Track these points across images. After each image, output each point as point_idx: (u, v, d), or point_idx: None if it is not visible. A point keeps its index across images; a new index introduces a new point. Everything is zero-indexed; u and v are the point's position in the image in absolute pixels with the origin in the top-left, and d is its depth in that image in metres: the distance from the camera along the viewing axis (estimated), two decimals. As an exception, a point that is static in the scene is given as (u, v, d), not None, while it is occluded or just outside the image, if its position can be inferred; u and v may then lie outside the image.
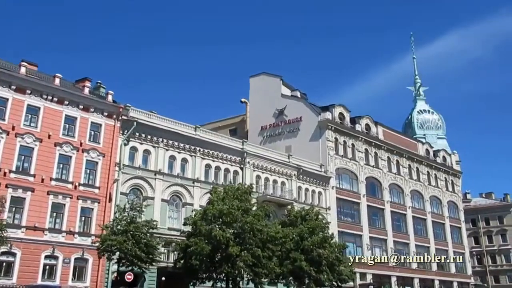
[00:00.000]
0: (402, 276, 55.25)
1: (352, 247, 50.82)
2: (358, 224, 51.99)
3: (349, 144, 54.15)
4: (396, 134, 62.68)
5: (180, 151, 37.92)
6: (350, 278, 31.02)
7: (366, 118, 58.08)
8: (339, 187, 51.22)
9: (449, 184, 68.60)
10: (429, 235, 61.43)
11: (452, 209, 68.06)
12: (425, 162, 64.67)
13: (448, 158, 70.78)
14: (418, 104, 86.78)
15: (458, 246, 66.31)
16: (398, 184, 59.43)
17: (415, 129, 79.75)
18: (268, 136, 55.94)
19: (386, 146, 58.84)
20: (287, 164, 45.76)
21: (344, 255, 36.60)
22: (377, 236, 53.96)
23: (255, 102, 58.51)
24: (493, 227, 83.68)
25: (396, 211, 57.86)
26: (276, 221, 34.38)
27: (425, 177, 64.08)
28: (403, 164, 61.14)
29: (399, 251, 56.53)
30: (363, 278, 50.02)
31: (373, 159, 56.86)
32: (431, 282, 59.35)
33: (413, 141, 66.01)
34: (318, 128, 52.20)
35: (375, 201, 55.26)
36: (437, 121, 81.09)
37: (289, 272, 28.97)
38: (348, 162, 53.12)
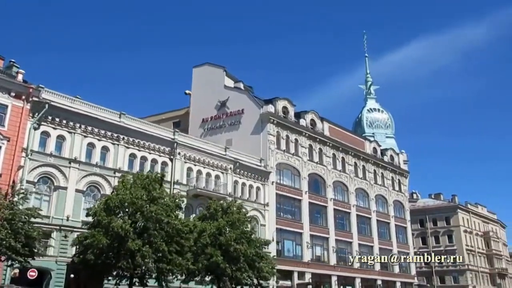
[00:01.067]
0: (344, 276, 53.91)
1: (291, 245, 49.20)
2: (298, 221, 50.25)
3: (292, 139, 52.40)
4: (343, 131, 61.43)
5: (100, 139, 35.07)
6: (271, 275, 28.99)
7: (311, 113, 56.52)
8: (280, 182, 49.35)
9: (395, 184, 67.96)
10: (374, 234, 60.43)
11: (398, 208, 67.43)
12: (371, 161, 63.72)
13: (395, 157, 70.19)
14: (369, 102, 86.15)
15: (403, 246, 65.66)
16: (342, 182, 58.13)
17: (364, 127, 79.05)
18: (209, 129, 53.62)
19: (332, 143, 57.45)
20: (223, 157, 43.52)
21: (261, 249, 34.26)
22: (319, 234, 52.39)
23: (198, 93, 56.13)
24: (440, 228, 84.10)
25: (340, 209, 56.52)
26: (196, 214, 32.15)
27: (371, 175, 63.12)
28: (349, 161, 59.92)
29: (341, 250, 55.36)
30: (301, 277, 48.32)
31: (317, 155, 55.32)
32: (374, 282, 58.32)
33: (360, 139, 64.99)
34: (260, 121, 50.22)
35: (318, 198, 53.71)
36: (386, 120, 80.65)
37: (205, 268, 26.69)
38: (290, 157, 51.34)
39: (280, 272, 45.99)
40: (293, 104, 54.06)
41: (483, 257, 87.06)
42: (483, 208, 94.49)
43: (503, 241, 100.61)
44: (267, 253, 32.84)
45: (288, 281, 47.12)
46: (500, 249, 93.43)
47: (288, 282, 47.10)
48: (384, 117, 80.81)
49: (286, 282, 46.77)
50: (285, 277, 46.96)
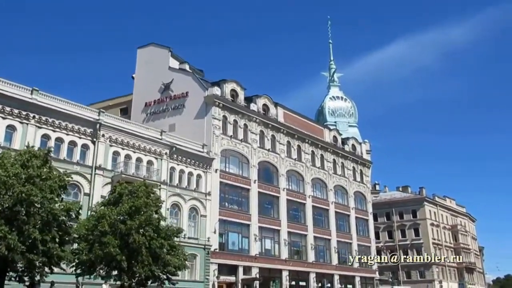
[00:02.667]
0: (296, 270, 50.63)
1: (236, 237, 45.69)
2: (246, 212, 46.75)
3: (241, 124, 48.84)
4: (300, 117, 58.02)
5: (5, 116, 31.04)
6: (180, 269, 25.37)
7: (264, 98, 53.00)
8: (225, 170, 45.77)
9: (357, 174, 64.93)
10: (331, 226, 57.27)
11: (360, 200, 64.44)
12: (331, 149, 60.52)
13: (358, 146, 67.15)
14: (331, 90, 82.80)
15: (364, 239, 62.74)
16: (298, 171, 54.79)
17: (326, 116, 75.89)
18: (152, 113, 49.77)
19: (286, 129, 54.04)
20: (158, 142, 39.72)
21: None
22: (269, 226, 48.97)
23: (141, 76, 52.21)
24: (406, 221, 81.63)
25: (294, 199, 53.19)
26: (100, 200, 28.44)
27: (330, 165, 59.94)
28: (306, 150, 56.61)
29: (294, 243, 52.12)
30: (248, 272, 44.86)
31: (270, 142, 51.87)
32: (331, 277, 55.20)
33: (319, 127, 61.67)
34: (204, 104, 46.53)
35: (269, 188, 50.27)
36: (349, 108, 77.57)
37: (100, 260, 22.95)
38: (238, 143, 47.77)
39: (223, 267, 42.85)
40: (243, 87, 50.44)
41: (451, 251, 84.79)
42: (452, 201, 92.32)
43: (472, 235, 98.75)
44: (181, 243, 29.19)
45: (232, 276, 43.64)
46: (469, 243, 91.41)
47: (232, 277, 43.62)
48: (347, 106, 77.69)
49: (229, 278, 43.31)
50: (228, 272, 43.57)
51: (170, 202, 39.39)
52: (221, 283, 41.95)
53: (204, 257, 40.98)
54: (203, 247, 41.07)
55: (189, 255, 30.09)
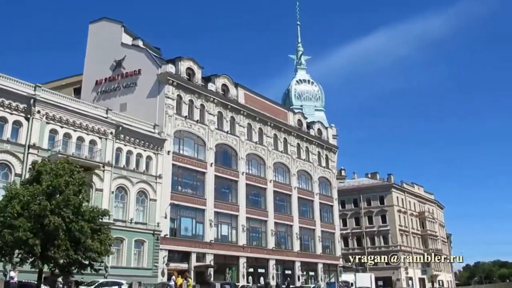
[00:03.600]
0: (255, 257, 48.81)
1: (190, 223, 43.48)
2: (201, 197, 44.51)
3: (198, 104, 46.41)
4: (262, 99, 55.84)
5: None
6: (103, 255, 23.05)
7: (223, 78, 50.59)
8: (179, 152, 43.37)
9: (322, 159, 63.24)
10: (294, 212, 55.51)
11: (324, 186, 62.84)
12: (295, 133, 58.58)
13: (324, 131, 65.41)
14: (298, 73, 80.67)
15: (328, 226, 61.26)
16: (259, 155, 52.72)
17: (292, 99, 73.80)
18: (103, 92, 46.90)
19: (247, 111, 51.82)
20: (102, 120, 37.01)
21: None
22: (226, 212, 46.88)
23: (93, 52, 49.02)
24: (374, 208, 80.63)
25: (254, 184, 51.20)
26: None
27: (294, 149, 58.04)
28: (268, 133, 54.52)
29: (253, 229, 50.22)
30: (202, 259, 42.80)
31: (229, 124, 49.61)
32: (292, 264, 53.59)
33: (283, 109, 59.57)
34: (157, 82, 43.90)
35: (227, 171, 48.11)
36: (316, 92, 75.67)
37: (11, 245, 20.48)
38: (193, 124, 45.38)
39: (174, 254, 40.75)
40: (200, 66, 47.93)
41: (418, 237, 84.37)
42: (420, 188, 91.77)
43: (440, 222, 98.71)
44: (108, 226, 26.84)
45: (184, 263, 41.49)
46: (436, 230, 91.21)
47: (184, 264, 41.47)
48: (314, 89, 75.75)
49: (181, 265, 41.13)
50: (181, 259, 41.45)
51: (115, 185, 36.87)
52: (172, 271, 39.68)
53: (153, 243, 38.69)
54: (152, 233, 38.76)
55: (114, 240, 27.49)
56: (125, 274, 34.59)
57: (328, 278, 58.94)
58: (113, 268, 34.97)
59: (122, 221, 36.86)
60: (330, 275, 59.85)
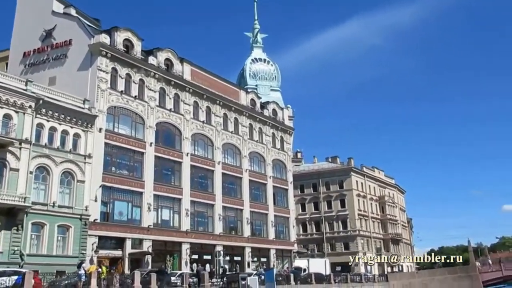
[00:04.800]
0: (200, 243, 45.91)
1: (125, 207, 40.11)
2: (138, 179, 41.14)
3: (136, 79, 42.83)
4: (211, 76, 52.53)
5: None
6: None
7: (167, 52, 47.04)
8: (113, 130, 39.78)
9: (277, 141, 60.54)
10: (244, 196, 52.76)
11: (279, 168, 60.23)
12: (247, 113, 55.60)
13: (279, 112, 62.67)
14: (254, 52, 77.41)
15: (282, 210, 58.79)
16: (206, 135, 49.60)
17: (247, 78, 70.76)
18: (31, 65, 42.74)
19: (193, 88, 48.51)
20: (19, 92, 33.07)
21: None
22: (167, 195, 43.71)
23: (21, 22, 44.64)
24: (333, 192, 78.74)
25: (201, 166, 48.11)
26: None
27: (245, 130, 55.10)
28: (217, 112, 51.39)
29: (199, 214, 47.24)
30: (139, 246, 39.60)
31: (172, 101, 46.24)
32: (242, 250, 50.96)
33: (234, 88, 56.35)
34: (89, 54, 40.06)
35: (169, 152, 44.82)
36: (272, 71, 72.80)
37: None
38: (131, 101, 41.82)
39: (107, 240, 37.43)
40: (140, 38, 44.23)
41: (377, 222, 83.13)
42: (380, 172, 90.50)
43: (401, 206, 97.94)
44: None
45: (118, 250, 38.21)
46: (396, 214, 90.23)
47: (118, 251, 38.19)
48: (269, 68, 72.79)
49: (114, 252, 37.86)
50: (114, 246, 38.14)
51: (34, 164, 33.11)
52: (103, 258, 36.42)
53: (80, 229, 35.16)
54: (79, 217, 35.22)
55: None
56: (45, 262, 31.32)
57: (282, 264, 56.66)
58: (31, 256, 31.54)
59: (43, 205, 33.22)
60: (284, 261, 57.56)
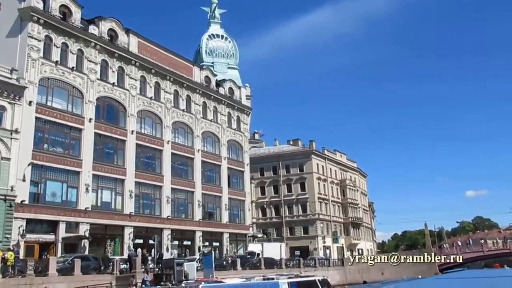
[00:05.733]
0: (145, 227, 43.16)
1: (59, 187, 36.85)
2: (75, 157, 37.89)
3: (74, 49, 39.30)
4: (161, 50, 49.28)
5: None
6: None
7: (110, 21, 43.56)
8: (45, 104, 36.31)
9: (233, 121, 57.97)
10: (196, 177, 50.12)
11: (234, 149, 57.76)
12: (200, 91, 52.71)
13: (236, 91, 60.03)
14: (212, 28, 74.01)
15: (238, 193, 56.49)
16: (154, 112, 46.56)
17: (203, 55, 67.58)
18: (-44, 31, 38.58)
19: (140, 62, 45.26)
20: None
21: None
22: (109, 175, 40.65)
23: None
24: (293, 175, 76.93)
25: (147, 145, 45.16)
26: None
27: (198, 108, 52.27)
28: (166, 88, 48.34)
29: (145, 196, 44.40)
30: (74, 230, 36.57)
31: (116, 75, 42.93)
32: (192, 234, 48.50)
33: (187, 64, 53.17)
34: (19, 19, 36.32)
35: (111, 129, 41.64)
36: (229, 48, 69.86)
37: None
38: (67, 72, 38.32)
39: (37, 224, 34.33)
40: (79, 5, 40.55)
41: (338, 206, 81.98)
42: (342, 156, 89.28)
43: (362, 190, 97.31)
44: None
45: (50, 234, 35.10)
46: (357, 198, 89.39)
47: (50, 235, 35.08)
48: (227, 45, 69.76)
49: (45, 236, 34.74)
50: (45, 230, 35.02)
51: None
52: (31, 243, 33.36)
53: (4, 211, 31.90)
54: (3, 198, 31.90)
55: None
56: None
57: (236, 249, 54.57)
58: None
59: None
60: (238, 245, 55.48)
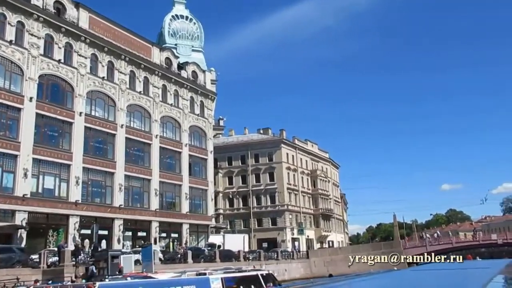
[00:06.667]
0: (95, 216, 40.00)
1: (-7, 172, 33.48)
2: (13, 139, 34.53)
3: (13, 21, 35.81)
4: (116, 28, 45.95)
5: None
6: None
7: (57, -7, 40.11)
8: (-22, 80, 32.92)
9: (196, 106, 54.96)
10: (153, 164, 47.06)
11: (197, 136, 54.81)
12: (159, 72, 49.56)
13: (201, 74, 57.01)
14: (176, 8, 70.38)
15: (199, 182, 53.59)
16: (107, 94, 43.29)
17: (166, 36, 64.12)
18: None
19: (91, 39, 41.91)
20: None
21: None
22: (53, 160, 37.31)
23: None
24: (262, 165, 74.28)
25: (98, 128, 41.92)
26: None
27: (157, 91, 49.14)
28: (121, 68, 45.08)
29: (94, 183, 41.21)
30: (10, 219, 33.29)
31: (63, 51, 39.55)
32: (148, 224, 45.53)
33: (145, 44, 49.81)
34: None
35: (57, 110, 38.27)
36: (194, 30, 66.59)
37: None
38: (4, 46, 34.89)
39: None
40: (20, -27, 37.03)
41: (308, 197, 79.79)
42: (314, 146, 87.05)
43: (334, 181, 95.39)
44: None
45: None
46: (328, 189, 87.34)
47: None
48: (192, 27, 66.44)
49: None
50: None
51: None
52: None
53: None
54: None
55: None
56: None
57: (197, 241, 51.84)
58: None
59: None
60: (200, 237, 52.74)
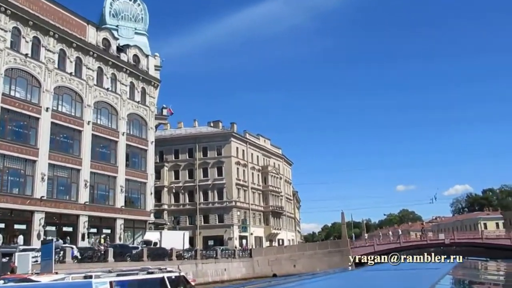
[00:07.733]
0: (11, 209, 35.76)
1: None
2: None
3: None
4: (46, 2, 41.60)
5: None
6: None
7: (-27, -44, 35.51)
8: None
9: (136, 92, 51.10)
10: (84, 153, 42.99)
11: (137, 125, 50.98)
12: (95, 54, 45.47)
13: (143, 59, 53.16)
14: (120, -14, 66.30)
15: (137, 174, 49.83)
16: (30, 73, 38.96)
17: (106, 17, 59.71)
18: None
19: (11, 10, 37.45)
20: None
21: None
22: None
23: None
24: (210, 159, 71.04)
25: (20, 111, 37.66)
26: None
27: (92, 74, 45.04)
28: (49, 46, 40.79)
29: (13, 172, 36.96)
30: None
31: (-22, 23, 35.09)
32: (75, 219, 41.49)
33: (79, 21, 45.39)
34: None
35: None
36: (138, 12, 62.62)
37: None
38: None
39: None
40: None
41: (258, 193, 77.14)
42: (267, 141, 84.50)
43: (287, 178, 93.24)
44: None
45: None
46: (280, 186, 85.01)
47: None
48: (135, 8, 62.37)
49: None
50: None
51: None
52: None
53: None
54: None
55: None
56: None
57: (133, 238, 48.14)
58: None
59: None
60: (136, 233, 49.03)
